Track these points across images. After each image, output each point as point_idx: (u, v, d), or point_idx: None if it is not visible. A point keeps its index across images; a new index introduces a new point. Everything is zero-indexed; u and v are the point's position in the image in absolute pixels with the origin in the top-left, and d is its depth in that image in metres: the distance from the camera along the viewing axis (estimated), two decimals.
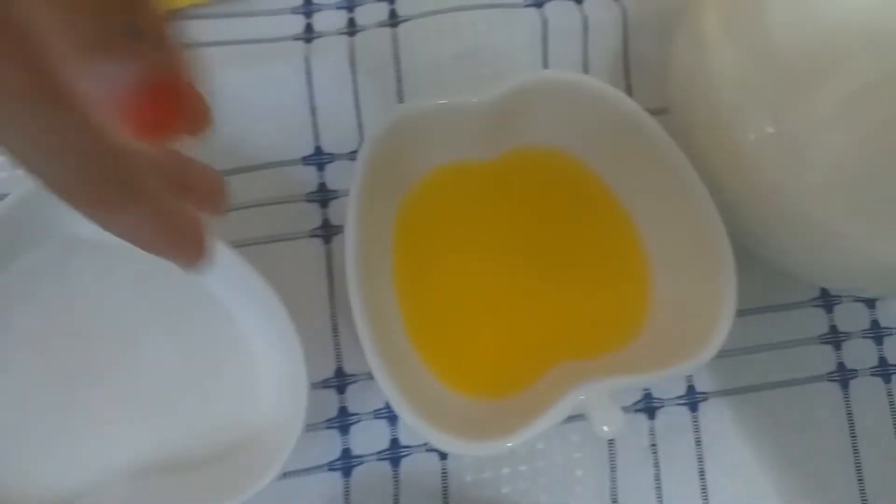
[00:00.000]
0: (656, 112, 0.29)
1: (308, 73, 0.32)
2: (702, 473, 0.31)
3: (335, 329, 0.31)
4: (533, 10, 0.34)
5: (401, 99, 0.33)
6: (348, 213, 0.26)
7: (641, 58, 0.34)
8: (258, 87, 0.32)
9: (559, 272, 0.29)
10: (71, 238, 0.28)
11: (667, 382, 0.32)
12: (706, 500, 0.31)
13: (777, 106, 0.25)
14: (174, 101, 0.15)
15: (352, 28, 0.33)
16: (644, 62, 0.34)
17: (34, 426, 0.27)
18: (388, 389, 0.24)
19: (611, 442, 0.31)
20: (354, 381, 0.31)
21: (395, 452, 0.30)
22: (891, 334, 0.33)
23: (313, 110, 0.32)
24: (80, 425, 0.27)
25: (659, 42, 0.32)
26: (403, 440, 0.31)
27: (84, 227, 0.28)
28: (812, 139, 0.25)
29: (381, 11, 0.34)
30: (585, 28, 0.34)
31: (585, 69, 0.34)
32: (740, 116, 0.26)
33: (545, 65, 0.34)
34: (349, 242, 0.26)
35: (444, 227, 0.29)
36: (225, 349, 0.29)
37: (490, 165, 0.29)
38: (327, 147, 0.32)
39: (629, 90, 0.34)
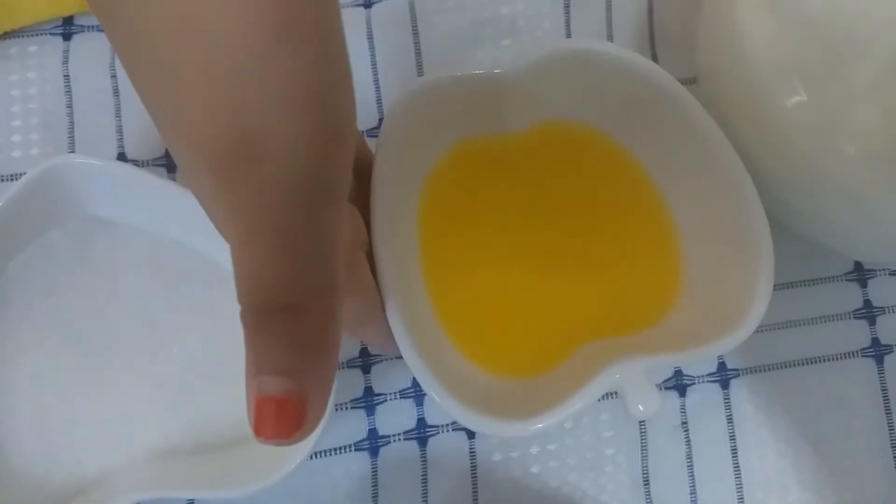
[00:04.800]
0: (683, 82, 0.28)
1: None
2: (734, 451, 0.31)
3: None
4: None
5: (420, 72, 0.32)
6: (372, 190, 0.25)
7: (666, 26, 0.33)
8: None
9: (588, 248, 0.28)
10: (87, 218, 0.28)
11: (698, 360, 0.31)
12: (739, 478, 0.31)
13: (812, 74, 0.24)
14: (286, 426, 0.17)
15: (368, 0, 0.33)
16: (669, 30, 0.33)
17: (58, 408, 0.27)
18: (416, 367, 0.24)
19: (641, 421, 0.31)
20: (379, 361, 0.30)
21: (421, 432, 0.30)
22: None
23: None
24: (105, 407, 0.27)
25: (684, 9, 0.31)
26: (430, 420, 0.30)
27: (100, 208, 0.28)
28: (848, 109, 0.24)
29: None
30: None
31: (609, 38, 0.33)
32: (774, 85, 0.25)
33: (567, 33, 0.33)
34: (375, 221, 0.25)
35: (469, 203, 0.28)
36: None
37: (514, 139, 0.29)
38: None
39: (654, 59, 0.33)
